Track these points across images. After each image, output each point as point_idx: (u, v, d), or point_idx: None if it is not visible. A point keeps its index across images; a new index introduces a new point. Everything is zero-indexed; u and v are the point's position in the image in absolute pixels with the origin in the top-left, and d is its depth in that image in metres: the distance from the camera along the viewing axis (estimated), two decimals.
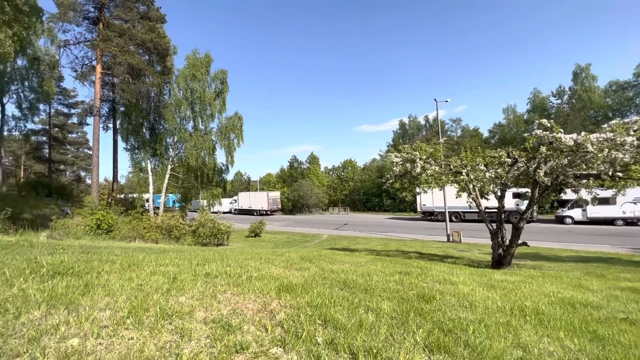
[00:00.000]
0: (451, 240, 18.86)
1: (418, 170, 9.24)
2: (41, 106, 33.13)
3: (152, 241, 15.55)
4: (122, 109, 25.51)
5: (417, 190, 11.15)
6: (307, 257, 6.75)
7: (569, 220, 26.01)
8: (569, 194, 19.77)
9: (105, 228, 15.51)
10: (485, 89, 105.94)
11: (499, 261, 8.57)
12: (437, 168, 9.28)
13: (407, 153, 9.66)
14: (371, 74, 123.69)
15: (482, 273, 6.35)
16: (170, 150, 25.27)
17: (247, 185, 75.68)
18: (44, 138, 40.84)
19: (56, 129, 43.64)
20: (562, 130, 7.39)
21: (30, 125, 33.07)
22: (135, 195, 26.90)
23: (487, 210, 9.41)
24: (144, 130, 24.99)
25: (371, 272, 5.19)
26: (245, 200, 52.56)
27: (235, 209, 53.96)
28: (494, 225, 8.90)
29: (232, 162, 26.08)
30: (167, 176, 24.29)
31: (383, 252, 12.62)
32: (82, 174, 55.38)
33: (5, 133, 27.93)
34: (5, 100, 25.82)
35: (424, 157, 9.50)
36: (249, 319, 2.43)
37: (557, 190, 8.95)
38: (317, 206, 57.18)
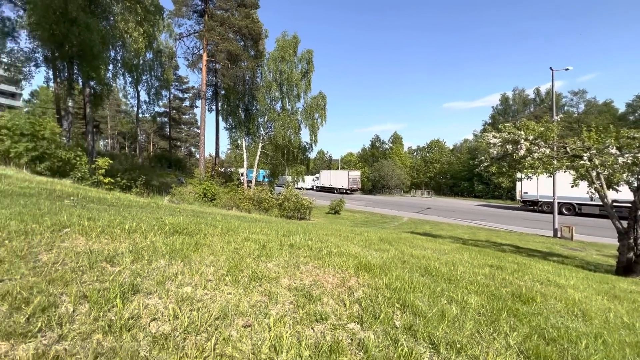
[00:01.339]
0: (559, 235, 16.09)
1: (522, 152, 7.98)
2: (163, 92, 39.64)
3: (245, 211, 17.53)
4: (223, 92, 28.65)
5: (519, 175, 9.72)
6: (386, 238, 6.66)
7: None
8: None
9: (209, 196, 18.11)
10: (624, 53, 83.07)
11: (628, 267, 6.97)
12: (547, 151, 7.86)
13: (509, 133, 8.41)
14: (468, 45, 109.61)
15: (602, 279, 5.27)
16: (261, 129, 27.50)
17: (328, 163, 77.82)
18: (165, 119, 49.08)
19: (174, 111, 51.89)
20: None
21: (156, 109, 40.03)
22: (232, 169, 30.53)
23: (615, 204, 7.63)
24: (240, 111, 27.69)
25: (456, 261, 4.83)
26: (327, 178, 54.27)
27: (316, 186, 56.36)
28: (625, 223, 7.19)
29: (316, 141, 27.00)
30: (258, 153, 26.67)
31: (470, 241, 11.59)
32: (193, 149, 65.14)
33: (140, 115, 34.59)
34: (139, 88, 31.73)
35: (531, 137, 8.12)
36: (328, 292, 2.54)
37: None
38: (398, 188, 55.43)
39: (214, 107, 33.03)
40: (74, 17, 13.16)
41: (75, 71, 16.04)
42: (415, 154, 69.28)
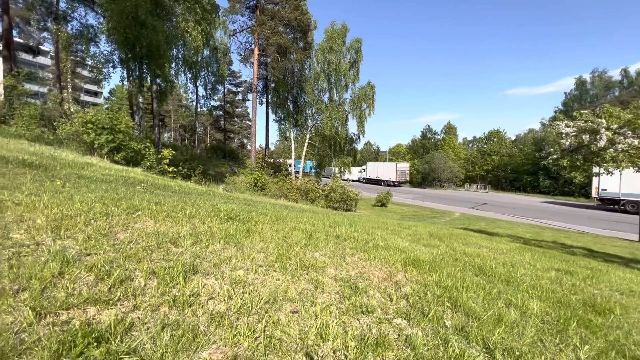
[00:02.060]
0: None
1: (602, 143, 6.99)
2: (218, 87, 42.05)
3: (293, 200, 18.06)
4: (273, 85, 29.49)
5: (596, 170, 8.56)
6: (436, 234, 6.37)
7: None
8: None
9: (259, 186, 18.96)
10: None
11: None
12: (636, 142, 6.77)
13: (586, 121, 7.40)
14: (534, 26, 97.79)
15: None
16: (309, 120, 27.86)
17: (376, 155, 76.33)
18: (220, 112, 52.14)
19: (228, 104, 54.84)
20: None
21: (212, 103, 42.69)
22: (281, 160, 31.53)
23: None
24: (289, 103, 28.32)
25: (516, 262, 4.45)
26: (374, 170, 53.31)
27: (363, 178, 55.75)
28: None
29: (363, 132, 26.62)
30: (306, 144, 27.12)
31: (533, 241, 10.58)
32: (245, 141, 68.42)
33: (198, 109, 37.21)
34: (197, 83, 34.05)
35: (615, 126, 7.05)
36: (374, 285, 2.52)
37: None
38: (450, 181, 52.47)
39: (264, 99, 34.21)
40: (143, 21, 14.50)
41: (144, 70, 17.72)
42: (470, 145, 64.71)
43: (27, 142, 9.58)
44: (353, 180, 48.80)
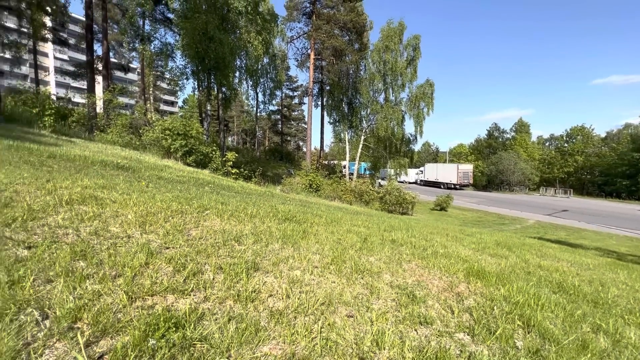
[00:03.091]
0: None
1: None
2: (277, 92, 44.06)
3: (347, 202, 18.05)
4: (328, 88, 29.90)
5: None
6: (504, 243, 5.81)
7: None
8: None
9: (314, 187, 19.36)
10: None
11: None
12: None
13: None
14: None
15: None
16: (364, 122, 27.60)
17: (434, 156, 72.47)
18: (278, 116, 54.55)
19: (285, 108, 57.12)
20: None
21: (270, 107, 44.88)
22: (335, 161, 31.79)
23: None
24: (343, 105, 28.42)
25: (606, 280, 3.84)
26: (432, 171, 50.59)
27: (421, 180, 53.30)
28: None
29: (421, 132, 25.50)
30: (360, 146, 26.91)
31: (630, 256, 9.00)
32: (301, 143, 70.55)
33: (258, 114, 39.46)
34: (257, 90, 36.14)
35: None
36: (433, 295, 2.40)
37: None
38: (521, 184, 47.34)
39: (319, 102, 34.88)
40: (212, 35, 15.91)
41: (212, 80, 19.43)
42: (547, 144, 57.60)
43: (119, 147, 11.19)
44: (410, 182, 46.98)
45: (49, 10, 21.14)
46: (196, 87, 22.25)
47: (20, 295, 1.45)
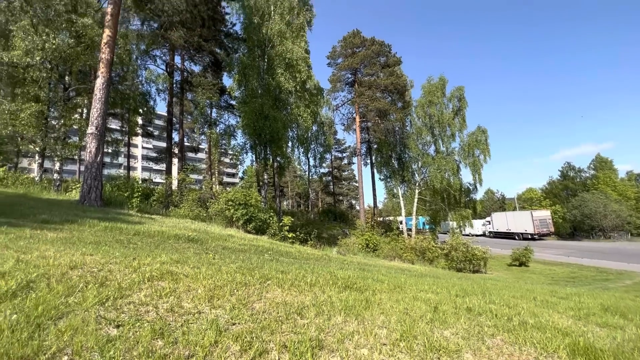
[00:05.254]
0: None
1: None
2: (326, 155, 46.35)
3: (408, 261, 16.86)
4: (375, 146, 30.68)
5: None
6: (615, 307, 4.74)
7: None
8: None
9: (371, 247, 18.67)
10: None
11: None
12: None
13: None
14: None
15: None
16: (416, 175, 27.07)
17: (501, 204, 66.25)
18: (329, 178, 56.38)
19: (335, 170, 59.14)
20: None
21: (321, 170, 46.89)
22: (390, 218, 30.80)
23: None
24: (393, 161, 28.54)
25: None
26: (502, 221, 45.75)
27: (489, 232, 48.27)
28: None
29: (480, 180, 24.02)
30: (415, 200, 25.98)
31: None
32: (353, 202, 70.65)
33: (310, 177, 41.33)
34: (308, 155, 38.50)
35: None
36: None
37: None
38: (619, 229, 39.97)
39: (368, 161, 35.62)
40: (266, 114, 18.03)
41: (267, 152, 21.40)
42: None
43: (190, 220, 12.37)
44: (477, 235, 42.73)
45: (141, 112, 26.28)
46: (254, 159, 24.59)
47: None
